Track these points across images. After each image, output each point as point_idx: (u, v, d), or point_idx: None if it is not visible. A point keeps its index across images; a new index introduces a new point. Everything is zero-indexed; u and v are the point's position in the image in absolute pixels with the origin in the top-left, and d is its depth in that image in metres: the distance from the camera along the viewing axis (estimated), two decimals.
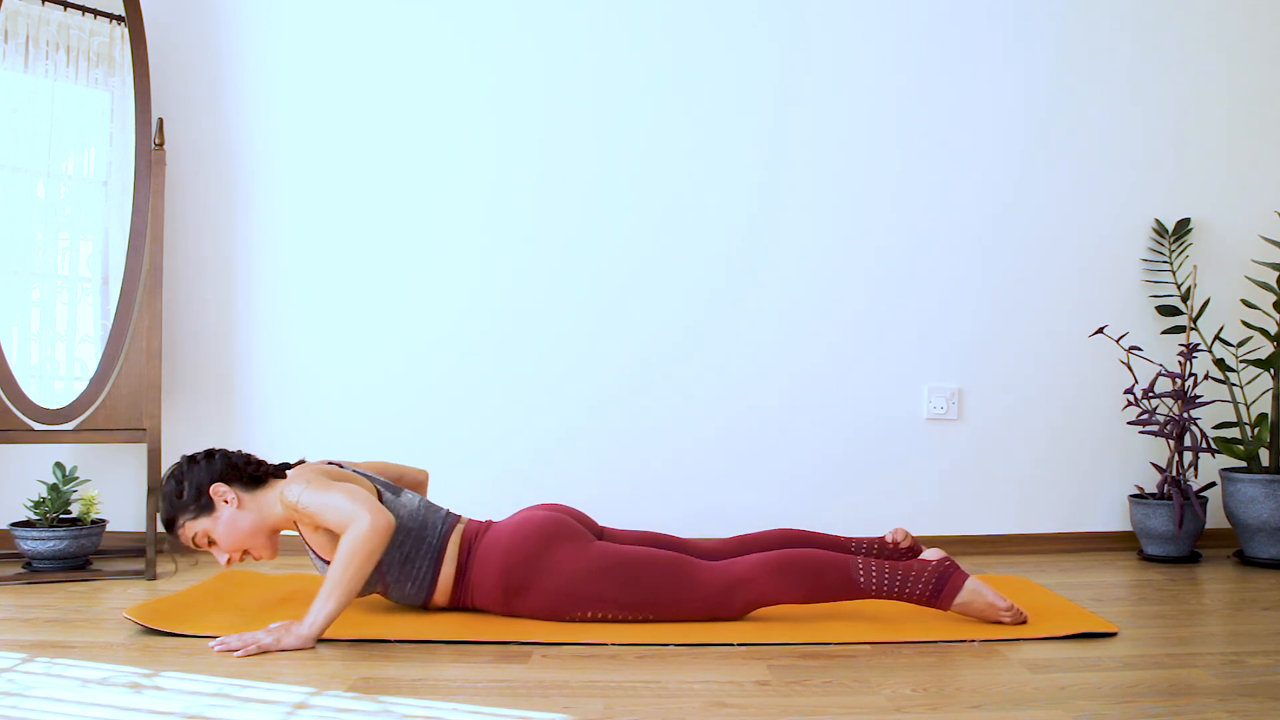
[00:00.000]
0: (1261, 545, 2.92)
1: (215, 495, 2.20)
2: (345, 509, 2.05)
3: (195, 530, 2.20)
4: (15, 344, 2.83)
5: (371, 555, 2.02)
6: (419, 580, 2.22)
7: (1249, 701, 1.67)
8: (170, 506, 2.21)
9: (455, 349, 3.14)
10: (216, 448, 2.29)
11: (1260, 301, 3.16)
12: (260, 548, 2.24)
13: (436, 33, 3.15)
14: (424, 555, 2.21)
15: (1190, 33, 3.22)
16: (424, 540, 2.22)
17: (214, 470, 2.22)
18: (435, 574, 2.22)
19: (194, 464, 2.23)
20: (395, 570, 2.21)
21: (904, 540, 2.41)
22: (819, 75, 3.18)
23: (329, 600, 2.00)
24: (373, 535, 2.01)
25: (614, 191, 3.16)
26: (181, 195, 3.12)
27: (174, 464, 2.26)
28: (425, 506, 2.28)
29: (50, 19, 2.87)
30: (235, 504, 2.20)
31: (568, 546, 2.19)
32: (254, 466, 2.27)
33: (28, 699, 1.69)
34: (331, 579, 2.01)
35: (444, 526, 2.25)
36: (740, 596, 2.17)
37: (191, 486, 2.20)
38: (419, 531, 2.22)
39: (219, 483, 2.21)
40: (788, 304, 3.16)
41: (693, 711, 1.65)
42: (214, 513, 2.20)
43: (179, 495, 2.20)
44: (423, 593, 2.24)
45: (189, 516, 2.20)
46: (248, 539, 2.21)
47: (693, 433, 3.14)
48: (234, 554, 2.22)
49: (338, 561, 2.01)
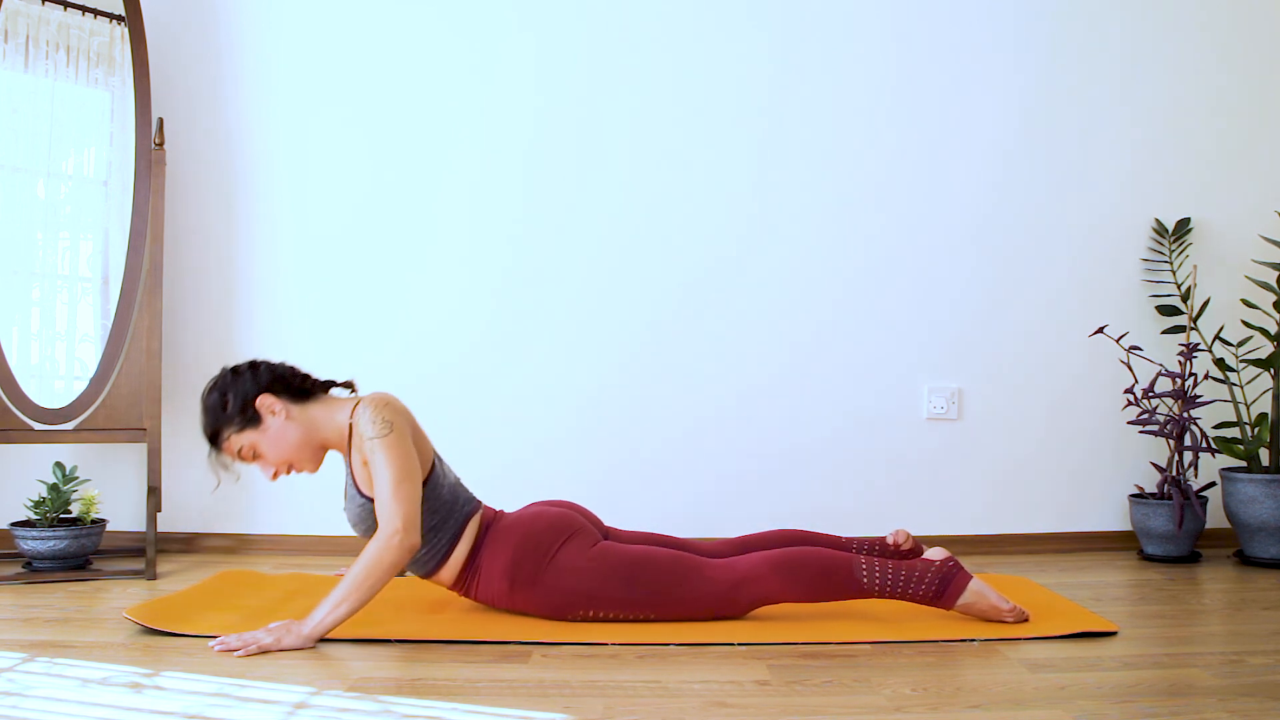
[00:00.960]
0: (1261, 545, 2.92)
1: (262, 407, 2.13)
2: (391, 504, 2.03)
3: (241, 443, 2.14)
4: (15, 344, 2.83)
5: (393, 572, 2.03)
6: (435, 551, 2.20)
7: (1249, 701, 1.67)
8: (215, 419, 2.13)
9: (455, 348, 3.14)
10: (257, 360, 2.22)
11: (1260, 301, 3.16)
12: (305, 462, 2.18)
13: (435, 32, 3.15)
14: (448, 530, 2.20)
15: (1190, 32, 3.22)
16: (452, 515, 2.21)
17: (260, 381, 2.15)
18: (450, 550, 2.20)
19: (238, 375, 2.16)
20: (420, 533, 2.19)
21: (905, 542, 2.41)
22: (813, 72, 3.17)
23: (340, 606, 2.00)
24: (401, 556, 2.02)
25: (605, 184, 3.15)
26: (181, 195, 3.12)
27: (216, 376, 2.18)
28: (459, 485, 2.28)
29: (50, 19, 2.87)
30: (284, 415, 2.14)
31: (575, 544, 2.20)
32: (300, 379, 2.21)
33: (28, 699, 1.69)
34: (347, 586, 2.01)
35: (469, 507, 2.25)
36: (744, 595, 2.17)
37: (237, 398, 2.12)
38: (450, 506, 2.21)
39: (266, 394, 2.14)
40: (786, 303, 3.16)
41: (693, 711, 1.65)
42: (261, 425, 2.13)
43: (224, 408, 2.12)
44: (432, 564, 2.22)
45: (234, 429, 2.13)
46: (295, 452, 2.16)
47: (692, 431, 3.14)
48: (280, 467, 2.16)
49: (360, 569, 2.00)
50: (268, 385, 2.15)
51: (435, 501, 2.18)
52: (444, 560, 2.22)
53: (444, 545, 2.20)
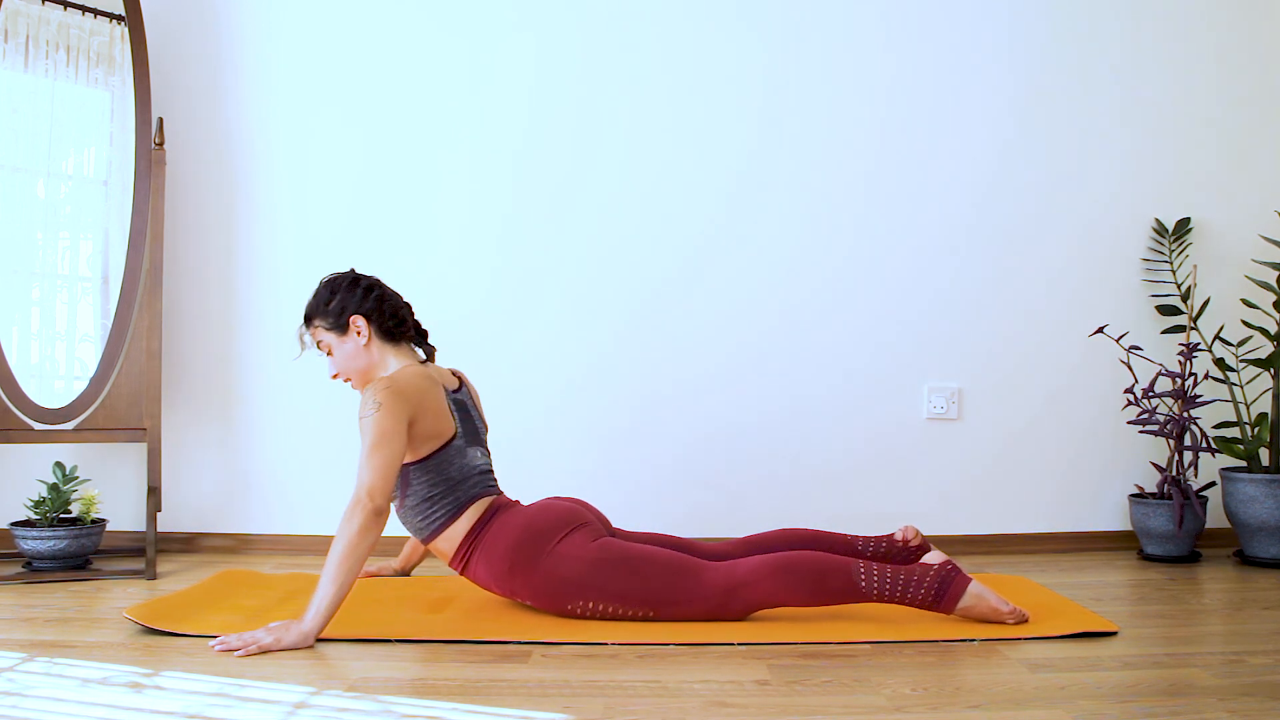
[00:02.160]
0: (1261, 545, 2.92)
1: (352, 324, 2.30)
2: (360, 473, 2.09)
3: (322, 338, 2.33)
4: (15, 344, 2.83)
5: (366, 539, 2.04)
6: (430, 520, 2.26)
7: (1249, 701, 1.67)
8: (315, 305, 2.34)
9: (455, 348, 3.13)
10: (382, 283, 2.38)
11: (1260, 301, 3.16)
12: (361, 385, 2.34)
13: (433, 32, 3.15)
14: (446, 505, 2.26)
15: (1190, 32, 3.22)
16: (454, 494, 2.26)
17: (364, 303, 2.32)
18: (446, 524, 2.26)
19: (355, 286, 2.34)
20: (415, 499, 2.27)
21: (914, 538, 2.41)
22: (809, 68, 3.17)
23: (328, 590, 2.02)
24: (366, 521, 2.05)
25: (602, 188, 3.15)
26: (181, 195, 3.12)
27: (343, 272, 2.37)
28: (480, 473, 2.32)
29: (50, 19, 2.87)
30: (364, 341, 2.31)
31: (579, 535, 2.22)
32: (397, 322, 2.35)
33: (28, 699, 1.69)
34: (329, 568, 2.03)
35: (478, 490, 2.29)
36: (742, 598, 2.17)
37: (339, 302, 2.31)
38: (456, 484, 2.26)
39: (360, 316, 2.31)
40: (787, 303, 3.16)
41: (693, 711, 1.65)
42: (344, 336, 2.31)
43: (327, 303, 2.32)
44: (425, 532, 2.28)
45: (325, 325, 2.32)
46: (356, 374, 2.33)
47: (692, 431, 3.14)
48: (342, 375, 2.34)
49: (334, 549, 2.03)
50: (367, 310, 2.32)
51: (438, 474, 2.25)
52: (439, 530, 2.27)
53: (440, 516, 2.26)
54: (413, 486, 2.26)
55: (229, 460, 3.12)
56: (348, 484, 2.96)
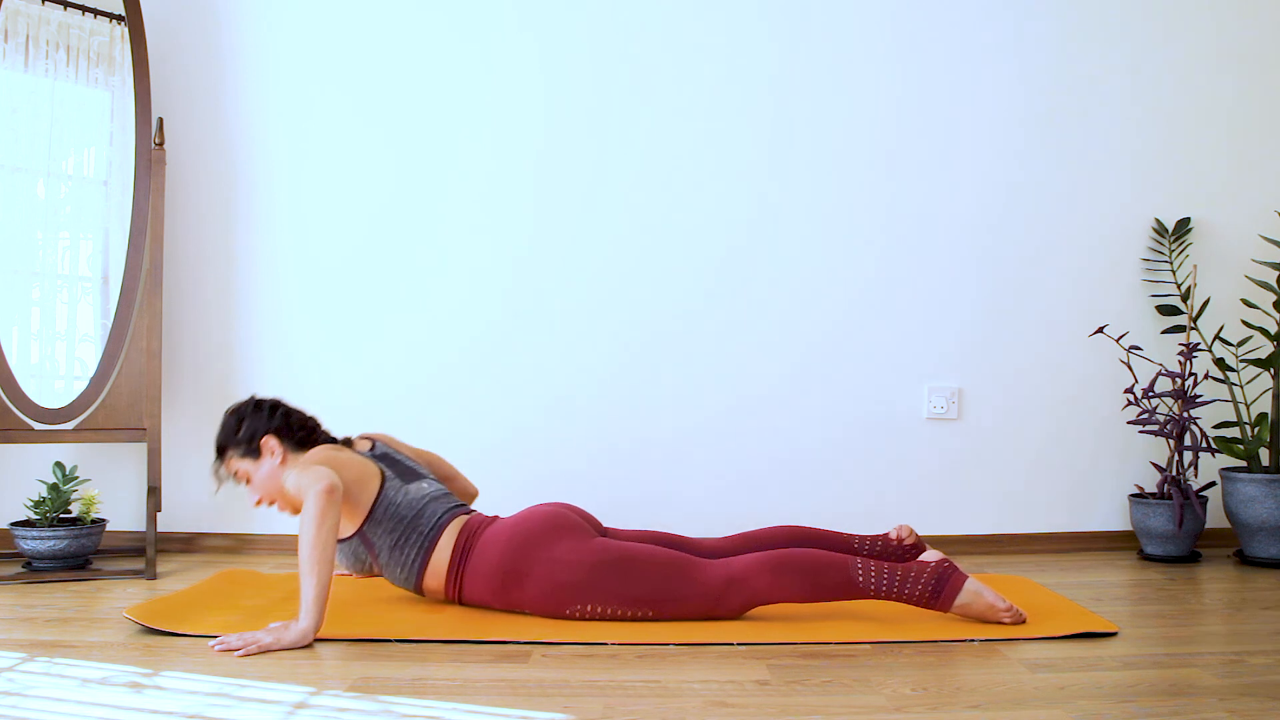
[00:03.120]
0: (1261, 545, 2.92)
1: (264, 445, 2.34)
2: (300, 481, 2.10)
3: (238, 467, 2.36)
4: (15, 344, 2.83)
5: (329, 521, 2.02)
6: (408, 566, 2.27)
7: (1249, 701, 1.67)
8: (225, 436, 2.37)
9: (455, 346, 3.14)
10: (284, 402, 2.42)
11: (1260, 301, 3.16)
12: (286, 506, 2.35)
13: (435, 30, 3.15)
14: (414, 543, 2.26)
15: (1190, 32, 3.22)
16: (416, 529, 2.26)
17: (271, 423, 2.35)
18: (425, 561, 2.26)
19: (258, 409, 2.37)
20: (385, 554, 2.28)
21: (908, 537, 2.41)
22: (818, 72, 3.18)
23: (308, 578, 2.01)
24: (324, 501, 2.03)
25: (613, 185, 3.15)
26: (181, 195, 3.12)
27: (245, 400, 2.42)
28: (432, 499, 2.31)
29: (50, 18, 2.87)
30: (279, 459, 2.33)
31: (569, 539, 2.21)
32: (306, 432, 2.39)
33: (28, 699, 1.69)
34: (304, 557, 2.02)
35: (442, 517, 2.29)
36: (738, 595, 2.17)
37: (248, 428, 2.35)
38: (413, 520, 2.27)
39: (271, 435, 2.34)
40: (787, 303, 3.16)
41: (693, 711, 1.65)
42: (258, 460, 2.34)
43: (235, 431, 2.36)
44: (412, 578, 2.28)
45: (238, 453, 2.35)
46: (276, 494, 2.35)
47: (693, 431, 3.14)
48: (264, 499, 2.36)
49: (302, 548, 2.02)
50: (276, 428, 2.36)
51: (391, 519, 2.27)
52: (423, 570, 2.26)
53: (416, 555, 2.26)
54: (377, 545, 2.28)
55: None
56: None
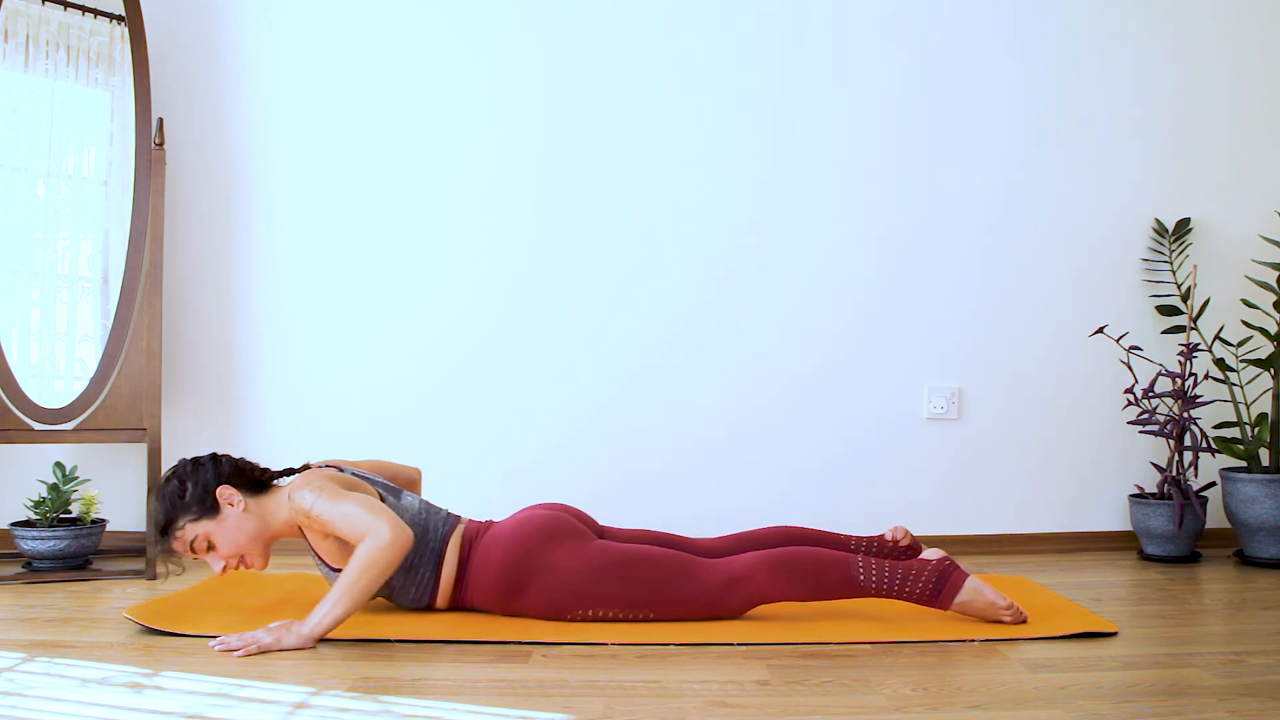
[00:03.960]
0: (1261, 545, 2.92)
1: (221, 498, 2.15)
2: (362, 520, 2.04)
3: (196, 533, 2.13)
4: (15, 344, 2.83)
5: (388, 568, 2.02)
6: (421, 585, 2.23)
7: (1249, 701, 1.67)
8: (171, 507, 2.13)
9: (456, 348, 3.14)
10: (217, 452, 2.26)
11: (1260, 301, 3.16)
12: (256, 555, 2.19)
13: (436, 32, 3.15)
14: (426, 561, 2.21)
15: (1190, 32, 3.22)
16: (425, 545, 2.22)
17: (221, 472, 2.17)
18: (437, 578, 2.22)
19: (199, 466, 2.18)
20: (400, 577, 2.21)
21: (904, 539, 2.41)
22: (819, 74, 3.18)
23: (337, 605, 2.00)
24: (392, 549, 2.02)
25: (614, 190, 3.16)
26: (181, 195, 3.12)
27: (174, 466, 2.20)
28: (425, 509, 2.27)
29: (50, 19, 2.87)
30: (241, 507, 2.16)
31: (568, 544, 2.19)
32: (259, 471, 2.23)
33: (28, 699, 1.69)
34: (343, 585, 2.01)
35: (445, 529, 2.25)
36: (739, 594, 2.17)
37: (197, 487, 2.14)
38: (420, 536, 2.22)
39: (226, 485, 2.16)
40: (788, 303, 3.16)
41: (693, 711, 1.65)
42: (218, 516, 2.14)
43: (181, 495, 2.13)
44: (425, 596, 2.25)
45: (191, 518, 2.13)
46: (248, 544, 2.16)
47: (692, 432, 3.14)
48: (231, 561, 2.17)
49: (353, 569, 2.00)
50: (228, 476, 2.17)
51: None
52: (435, 588, 2.24)
53: (429, 575, 2.22)
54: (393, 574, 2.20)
55: None
56: None
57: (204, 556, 2.16)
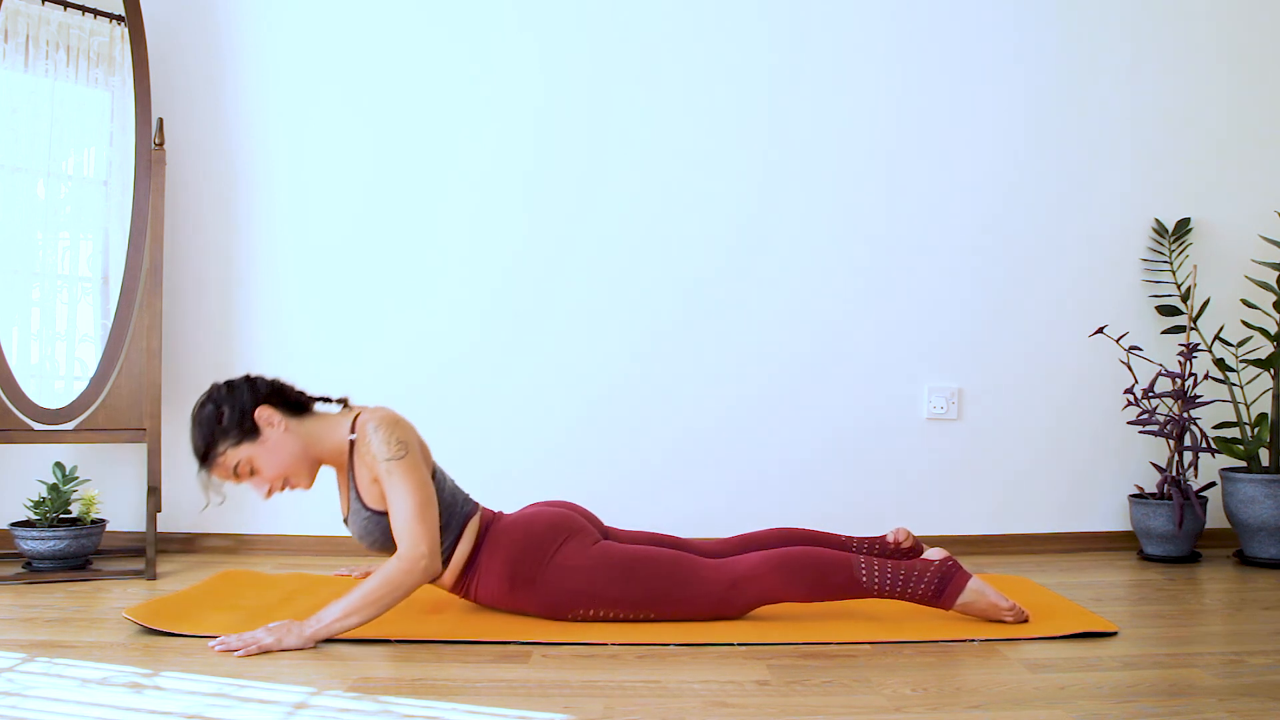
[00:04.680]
0: (1261, 545, 2.92)
1: (261, 419, 2.08)
2: (413, 529, 2.03)
3: (238, 458, 2.07)
4: (15, 344, 2.83)
5: (409, 594, 2.03)
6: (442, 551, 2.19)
7: (1249, 701, 1.67)
8: (208, 433, 2.06)
9: (455, 347, 3.14)
10: (251, 374, 2.15)
11: (1260, 301, 3.16)
12: (302, 476, 2.13)
13: (435, 31, 3.15)
14: (450, 533, 2.19)
15: (1190, 32, 3.22)
16: (454, 517, 2.20)
17: (259, 393, 2.10)
18: (452, 552, 2.20)
19: (234, 388, 2.09)
20: None
21: (906, 540, 2.41)
22: (817, 73, 3.18)
23: (350, 616, 2.00)
24: (423, 576, 2.03)
25: (609, 186, 3.15)
26: (181, 195, 3.12)
27: (207, 390, 2.11)
28: (458, 488, 2.28)
29: (50, 19, 2.87)
30: (282, 428, 2.09)
31: (574, 542, 2.20)
32: (297, 393, 2.17)
33: (28, 699, 1.69)
34: (362, 599, 2.00)
35: (467, 508, 2.24)
36: (743, 595, 2.17)
37: (234, 410, 2.06)
38: (450, 509, 2.20)
39: (264, 406, 2.09)
40: (787, 303, 3.16)
41: (693, 711, 1.65)
42: (259, 438, 2.07)
43: (219, 420, 2.05)
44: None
45: (231, 443, 2.06)
46: (293, 465, 2.10)
47: (692, 432, 3.14)
48: (276, 483, 2.11)
49: (378, 586, 2.00)
50: (266, 397, 2.11)
51: (440, 503, 2.18)
52: (446, 562, 2.22)
53: (448, 547, 2.21)
54: None
55: None
56: None
57: (248, 481, 2.10)
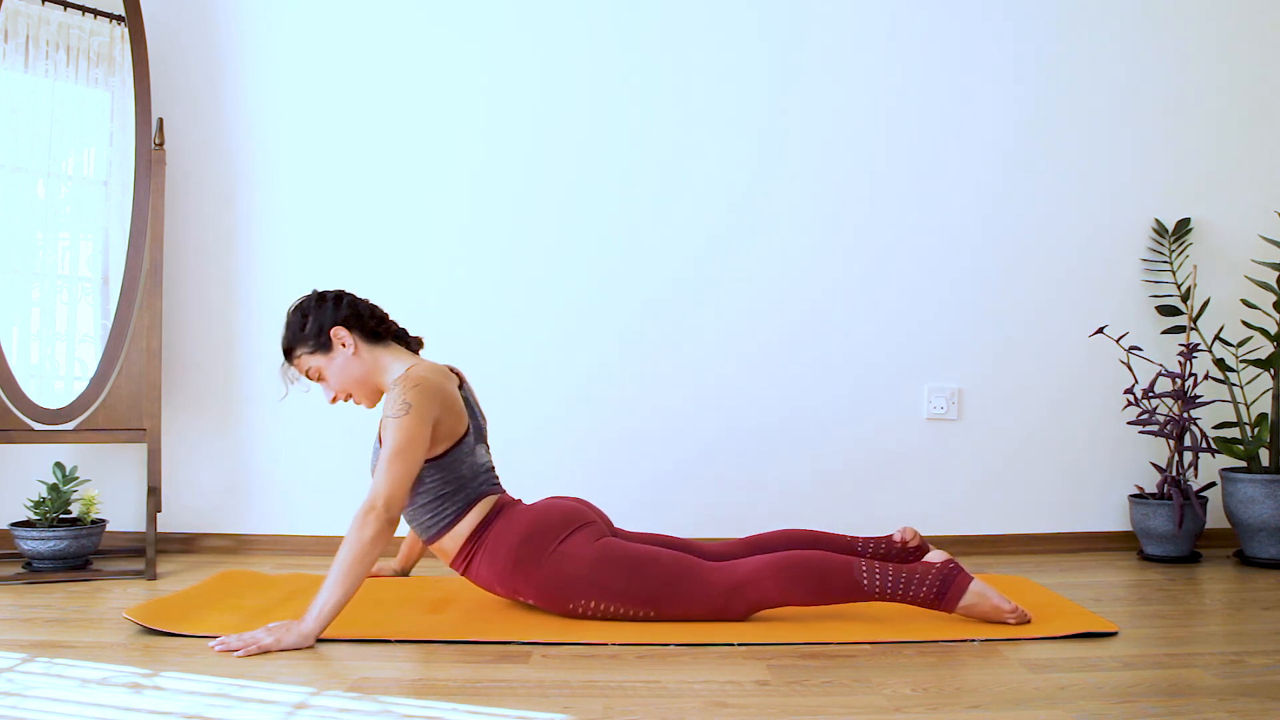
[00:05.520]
0: (1261, 545, 2.92)
1: (335, 337, 2.28)
2: (378, 478, 2.09)
3: (310, 365, 2.30)
4: (15, 344, 2.83)
5: (375, 548, 2.04)
6: (439, 518, 2.25)
7: (1249, 701, 1.67)
8: (292, 336, 2.30)
9: (456, 347, 3.13)
10: (348, 292, 2.36)
11: (1260, 301, 3.16)
12: (364, 396, 2.32)
13: (435, 31, 3.15)
14: (456, 503, 2.25)
15: (1190, 32, 3.22)
16: (463, 492, 2.25)
17: (340, 313, 2.30)
18: (454, 522, 2.25)
19: (323, 302, 2.31)
20: (426, 497, 2.24)
21: (913, 539, 2.41)
22: (814, 70, 3.18)
23: (333, 593, 2.02)
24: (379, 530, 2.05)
25: (609, 183, 3.15)
26: (181, 195, 3.12)
27: (304, 296, 2.35)
28: (486, 471, 2.32)
29: (50, 19, 2.87)
30: (352, 350, 2.29)
31: (583, 534, 2.23)
32: (376, 321, 2.34)
33: (28, 699, 1.69)
34: (335, 571, 2.03)
35: (486, 489, 2.29)
36: (744, 598, 2.17)
37: (315, 322, 2.29)
38: (466, 483, 2.26)
39: (340, 326, 2.29)
40: (786, 303, 3.16)
41: (693, 711, 1.65)
42: (330, 353, 2.29)
43: (302, 327, 2.29)
44: (434, 529, 2.26)
45: (307, 350, 2.29)
46: (355, 385, 2.30)
47: (692, 432, 3.14)
48: (340, 394, 2.31)
49: (342, 553, 2.03)
50: (344, 319, 2.30)
51: (451, 472, 2.24)
52: (446, 529, 2.25)
53: (449, 515, 2.25)
54: (425, 484, 2.24)
55: (229, 460, 3.12)
56: (348, 483, 2.98)
57: (318, 384, 2.34)
